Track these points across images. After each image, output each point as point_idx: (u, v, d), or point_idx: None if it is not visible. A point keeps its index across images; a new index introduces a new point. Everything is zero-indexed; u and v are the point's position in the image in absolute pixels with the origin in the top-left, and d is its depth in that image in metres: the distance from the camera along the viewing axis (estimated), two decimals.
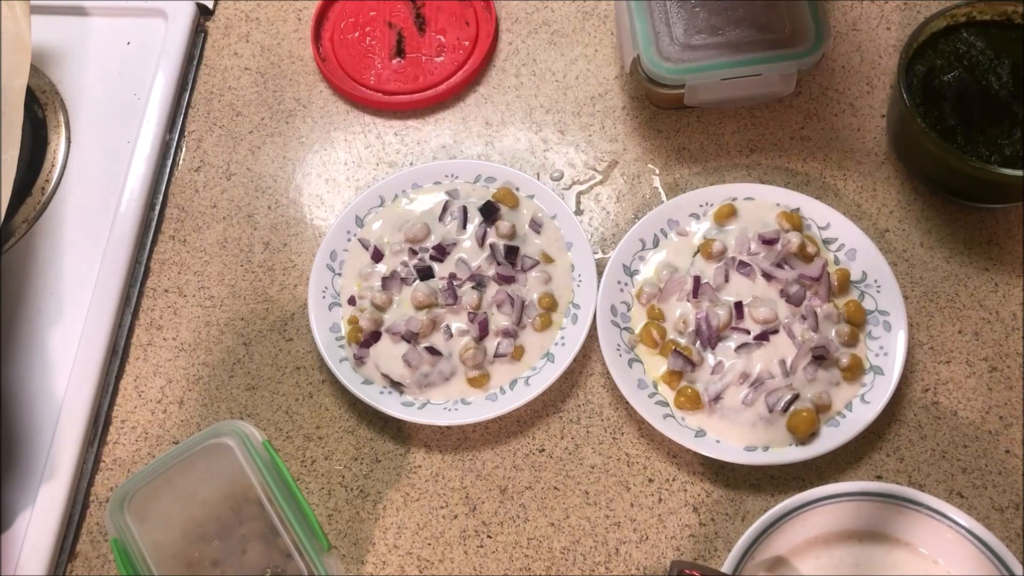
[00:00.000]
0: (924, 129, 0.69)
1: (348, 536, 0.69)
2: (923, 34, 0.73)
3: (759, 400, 0.68)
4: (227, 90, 0.86)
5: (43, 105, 0.85)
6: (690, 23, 0.76)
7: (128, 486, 0.62)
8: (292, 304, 0.77)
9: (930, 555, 0.63)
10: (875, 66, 0.82)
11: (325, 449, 0.72)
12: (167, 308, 0.78)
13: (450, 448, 0.71)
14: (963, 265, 0.74)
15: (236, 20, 0.89)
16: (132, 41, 0.88)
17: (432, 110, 0.84)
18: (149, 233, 0.80)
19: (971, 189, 0.73)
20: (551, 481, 0.70)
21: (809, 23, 0.74)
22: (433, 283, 0.73)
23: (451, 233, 0.75)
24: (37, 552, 0.68)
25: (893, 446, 0.69)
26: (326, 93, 0.85)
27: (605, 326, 0.71)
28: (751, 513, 0.67)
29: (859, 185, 0.77)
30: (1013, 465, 0.68)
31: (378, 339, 0.72)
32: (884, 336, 0.70)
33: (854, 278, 0.72)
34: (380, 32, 0.86)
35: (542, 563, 0.67)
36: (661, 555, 0.67)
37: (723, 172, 0.79)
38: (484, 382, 0.71)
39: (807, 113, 0.80)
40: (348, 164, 0.82)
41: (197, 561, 0.61)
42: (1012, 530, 0.66)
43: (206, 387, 0.75)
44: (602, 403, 0.72)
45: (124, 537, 0.60)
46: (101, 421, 0.74)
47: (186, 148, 0.84)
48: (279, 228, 0.80)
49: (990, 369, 0.71)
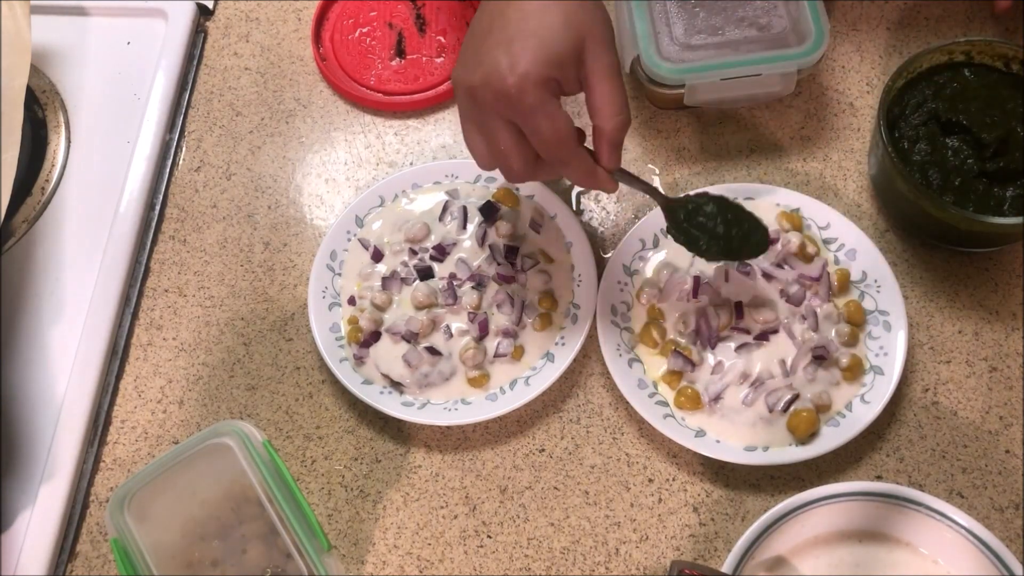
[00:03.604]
0: (901, 170, 0.69)
1: (348, 536, 0.69)
2: (915, 67, 0.72)
3: (759, 400, 0.68)
4: (227, 90, 0.86)
5: (43, 105, 0.85)
6: (690, 23, 0.76)
7: (128, 486, 0.62)
8: (292, 304, 0.77)
9: (930, 555, 0.63)
10: (875, 66, 0.82)
11: (325, 449, 0.72)
12: (167, 308, 0.78)
13: (450, 448, 0.71)
14: (963, 265, 0.74)
15: (236, 20, 0.89)
16: (132, 41, 0.88)
17: (432, 110, 0.84)
18: (149, 233, 0.80)
19: (952, 235, 0.73)
20: (551, 481, 0.70)
21: (809, 23, 0.74)
22: (433, 283, 0.73)
23: (451, 233, 0.75)
24: (37, 552, 0.68)
25: (893, 446, 0.69)
26: (326, 93, 0.85)
27: (605, 326, 0.71)
28: (751, 513, 0.67)
29: (859, 185, 0.77)
30: (1013, 465, 0.68)
31: (378, 339, 0.72)
32: (884, 336, 0.70)
33: (854, 278, 0.72)
34: (380, 32, 0.86)
35: (542, 563, 0.67)
36: (661, 555, 0.67)
37: (723, 172, 0.79)
38: (484, 382, 0.71)
39: (807, 113, 0.80)
40: (348, 164, 0.82)
41: (197, 561, 0.61)
42: (1012, 530, 0.66)
43: (206, 387, 0.75)
44: (602, 403, 0.72)
45: (124, 537, 0.61)
46: (101, 421, 0.74)
47: (186, 148, 0.84)
48: (279, 228, 0.80)
49: (990, 369, 0.71)
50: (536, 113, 0.57)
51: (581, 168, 0.60)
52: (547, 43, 0.56)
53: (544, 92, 0.56)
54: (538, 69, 0.56)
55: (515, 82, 0.56)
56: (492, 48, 0.57)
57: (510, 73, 0.56)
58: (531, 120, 0.57)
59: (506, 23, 0.57)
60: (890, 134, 0.71)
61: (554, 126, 0.57)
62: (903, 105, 0.73)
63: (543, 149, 0.59)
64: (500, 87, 0.56)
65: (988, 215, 0.68)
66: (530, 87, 0.56)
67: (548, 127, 0.57)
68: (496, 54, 0.56)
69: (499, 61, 0.56)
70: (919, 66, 0.72)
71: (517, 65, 0.56)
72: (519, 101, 0.56)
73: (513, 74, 0.56)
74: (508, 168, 0.61)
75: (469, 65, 0.58)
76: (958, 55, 0.73)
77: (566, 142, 0.58)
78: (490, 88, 0.57)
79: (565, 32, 0.57)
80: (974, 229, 0.69)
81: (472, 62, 0.58)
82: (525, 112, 0.57)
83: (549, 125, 0.57)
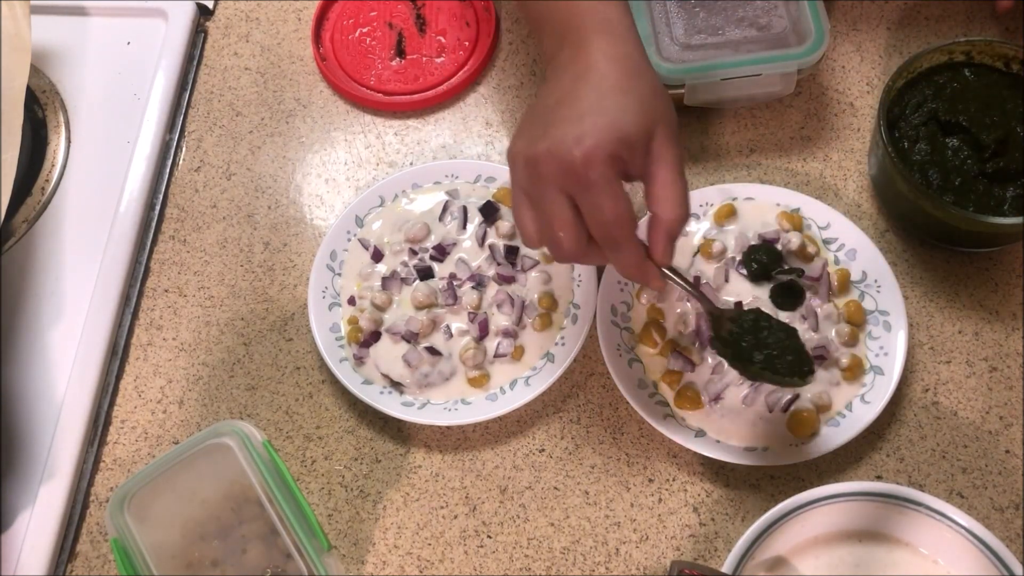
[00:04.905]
0: (900, 168, 0.69)
1: (348, 536, 0.69)
2: (915, 67, 0.72)
3: (759, 400, 0.68)
4: (227, 90, 0.86)
5: (43, 105, 0.85)
6: (690, 23, 0.76)
7: (128, 486, 0.62)
8: (292, 304, 0.77)
9: (930, 555, 0.63)
10: (875, 66, 0.82)
11: (325, 449, 0.72)
12: (167, 308, 0.78)
13: (450, 448, 0.71)
14: (963, 265, 0.74)
15: (236, 20, 0.89)
16: (132, 41, 0.88)
17: (432, 110, 0.84)
18: (149, 233, 0.80)
19: (951, 235, 0.73)
20: (551, 481, 0.70)
21: (809, 23, 0.74)
22: (433, 283, 0.73)
23: (451, 233, 0.75)
24: (37, 552, 0.68)
25: (893, 446, 0.69)
26: (326, 93, 0.85)
27: (605, 326, 0.71)
28: (751, 513, 0.67)
29: (859, 185, 0.77)
30: (1013, 465, 0.68)
31: (378, 339, 0.72)
32: (884, 336, 0.70)
33: (854, 278, 0.72)
34: (380, 32, 0.86)
35: (542, 563, 0.67)
36: (661, 555, 0.67)
37: (723, 172, 0.79)
38: (484, 382, 0.71)
39: (807, 113, 0.80)
40: (348, 164, 0.82)
41: (197, 561, 0.61)
42: (1012, 530, 0.66)
43: (206, 387, 0.75)
44: (602, 403, 0.72)
45: (124, 537, 0.61)
46: (101, 421, 0.74)
47: (186, 148, 0.84)
48: (279, 228, 0.80)
49: (990, 369, 0.71)
50: (599, 188, 0.55)
51: (633, 257, 0.58)
52: (620, 123, 0.55)
53: (610, 169, 0.55)
54: (608, 146, 0.54)
55: (583, 154, 0.54)
56: (561, 121, 0.55)
57: (578, 145, 0.54)
58: (593, 195, 0.55)
59: (578, 99, 0.56)
60: (890, 134, 0.71)
61: (616, 205, 0.55)
62: (903, 105, 0.73)
63: (599, 229, 0.56)
64: (566, 158, 0.54)
65: (988, 215, 0.68)
66: (598, 162, 0.54)
67: (609, 206, 0.55)
68: (565, 127, 0.55)
69: (568, 133, 0.55)
70: (919, 66, 0.72)
71: (587, 138, 0.54)
72: (584, 175, 0.54)
73: (581, 146, 0.54)
74: (558, 246, 0.58)
75: (533, 137, 0.56)
76: (958, 55, 0.73)
77: (624, 225, 0.56)
78: (555, 158, 0.55)
79: (639, 116, 0.55)
80: (974, 229, 0.69)
81: (537, 134, 0.56)
82: (588, 186, 0.55)
83: (611, 204, 0.55)
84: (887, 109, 0.71)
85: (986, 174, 0.70)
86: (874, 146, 0.75)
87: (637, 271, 0.59)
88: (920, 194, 0.68)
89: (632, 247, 0.57)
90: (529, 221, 0.58)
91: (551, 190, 0.56)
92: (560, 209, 0.56)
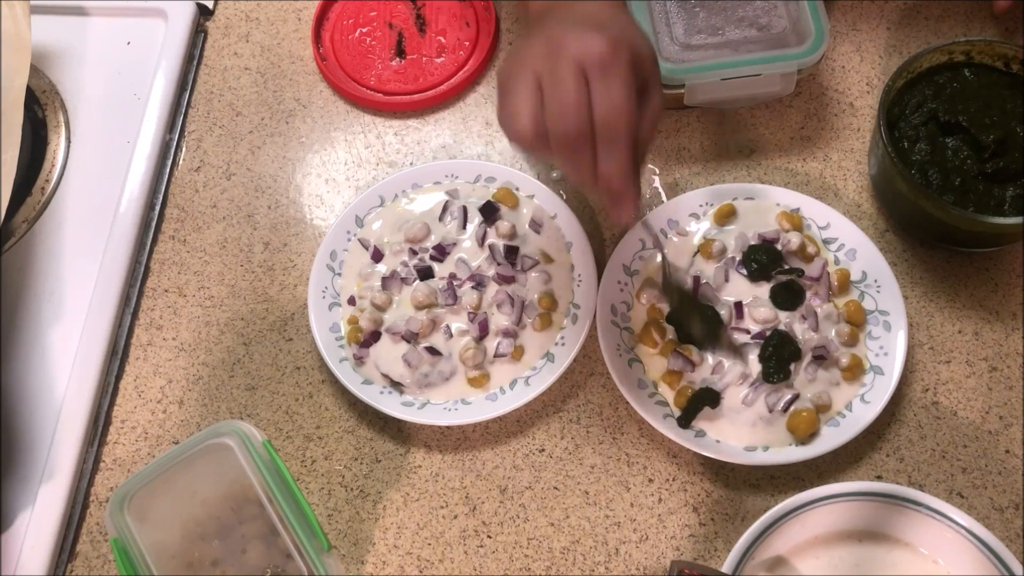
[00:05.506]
0: (900, 169, 0.69)
1: (348, 536, 0.69)
2: (915, 67, 0.72)
3: (759, 400, 0.68)
4: (227, 90, 0.86)
5: (43, 105, 0.85)
6: (690, 23, 0.76)
7: (128, 486, 0.62)
8: (292, 304, 0.77)
9: (930, 555, 0.63)
10: (875, 66, 0.82)
11: (325, 449, 0.72)
12: (167, 308, 0.78)
13: (450, 448, 0.71)
14: (963, 265, 0.74)
15: (236, 20, 0.89)
16: (132, 41, 0.88)
17: (432, 110, 0.84)
18: (149, 233, 0.80)
19: (952, 234, 0.73)
20: (551, 481, 0.70)
21: (809, 23, 0.74)
22: (433, 283, 0.73)
23: (451, 233, 0.75)
24: (37, 552, 0.68)
25: (893, 446, 0.69)
26: (326, 93, 0.85)
27: (605, 326, 0.71)
28: (751, 513, 0.67)
29: (859, 185, 0.77)
30: (1013, 465, 0.68)
31: (378, 339, 0.72)
32: (884, 336, 0.70)
33: (854, 278, 0.72)
34: (380, 32, 0.86)
35: (542, 563, 0.67)
36: (661, 555, 0.67)
37: (723, 172, 0.79)
38: (484, 382, 0.71)
39: (807, 113, 0.80)
40: (348, 164, 0.82)
41: (197, 561, 0.61)
42: (1012, 530, 0.66)
43: (206, 387, 0.75)
44: (602, 403, 0.72)
45: (124, 537, 0.61)
46: (101, 421, 0.74)
47: (186, 148, 0.84)
48: (279, 228, 0.80)
49: (990, 369, 0.71)
50: (619, 75, 0.55)
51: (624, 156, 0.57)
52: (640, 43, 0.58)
53: (630, 68, 0.56)
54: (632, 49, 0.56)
55: (611, 40, 0.55)
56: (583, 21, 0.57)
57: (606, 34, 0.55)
58: (610, 78, 0.55)
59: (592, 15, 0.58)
60: (890, 134, 0.71)
61: (629, 96, 0.56)
62: (903, 105, 0.73)
63: (607, 115, 0.56)
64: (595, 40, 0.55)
65: (988, 215, 0.68)
66: (623, 52, 0.55)
67: (624, 93, 0.55)
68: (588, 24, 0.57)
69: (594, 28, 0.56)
70: (919, 66, 0.72)
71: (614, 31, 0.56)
72: (610, 58, 0.55)
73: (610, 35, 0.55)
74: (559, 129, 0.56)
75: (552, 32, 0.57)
76: (958, 55, 0.73)
77: (630, 117, 0.56)
78: (582, 40, 0.55)
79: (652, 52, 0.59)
80: (974, 229, 0.69)
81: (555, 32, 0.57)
82: (609, 69, 0.55)
83: (625, 92, 0.55)
84: (887, 109, 0.71)
85: (986, 174, 0.70)
86: (874, 146, 0.75)
87: (621, 180, 0.58)
88: (920, 194, 0.68)
89: (626, 148, 0.57)
90: (526, 104, 0.57)
91: (571, 66, 0.56)
92: (575, 85, 0.56)
